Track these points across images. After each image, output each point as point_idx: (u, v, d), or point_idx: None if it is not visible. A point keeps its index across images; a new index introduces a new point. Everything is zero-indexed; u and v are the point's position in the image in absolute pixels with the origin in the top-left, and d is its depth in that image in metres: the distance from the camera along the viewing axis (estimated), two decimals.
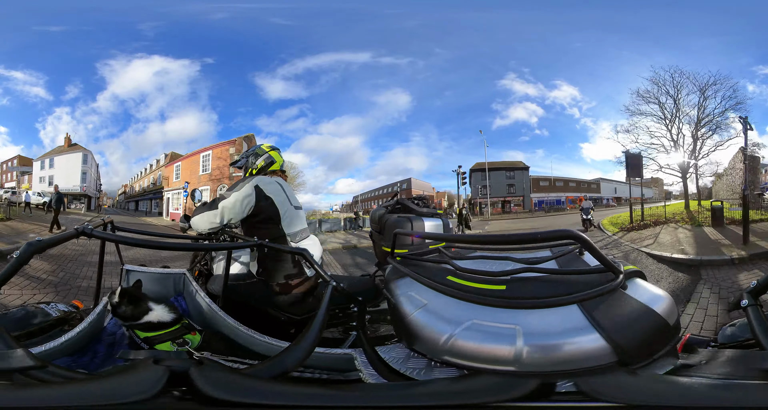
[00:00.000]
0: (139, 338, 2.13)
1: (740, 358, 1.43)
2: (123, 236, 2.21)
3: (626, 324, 1.49)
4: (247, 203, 3.10)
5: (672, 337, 1.58)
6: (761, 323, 1.57)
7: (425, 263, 2.21)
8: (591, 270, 1.74)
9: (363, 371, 1.78)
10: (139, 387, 1.16)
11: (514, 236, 1.71)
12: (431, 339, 1.64)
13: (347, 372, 1.93)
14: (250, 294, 3.16)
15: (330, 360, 2.03)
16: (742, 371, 1.32)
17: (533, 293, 1.63)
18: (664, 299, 1.66)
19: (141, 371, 1.26)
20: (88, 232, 1.81)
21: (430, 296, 1.85)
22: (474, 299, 1.69)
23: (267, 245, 2.65)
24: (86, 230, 1.81)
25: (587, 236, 1.56)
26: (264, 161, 3.59)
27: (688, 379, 1.39)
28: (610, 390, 1.25)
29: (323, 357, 2.01)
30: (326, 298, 2.09)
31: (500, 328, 1.52)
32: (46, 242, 1.66)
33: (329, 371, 1.99)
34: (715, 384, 1.29)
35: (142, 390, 1.14)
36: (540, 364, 1.43)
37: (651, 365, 1.48)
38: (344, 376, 1.93)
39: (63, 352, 1.91)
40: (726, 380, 1.31)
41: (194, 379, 1.20)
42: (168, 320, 2.19)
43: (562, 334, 1.46)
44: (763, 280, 1.76)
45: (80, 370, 1.77)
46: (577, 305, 1.54)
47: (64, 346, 1.91)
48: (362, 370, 1.79)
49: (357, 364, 1.85)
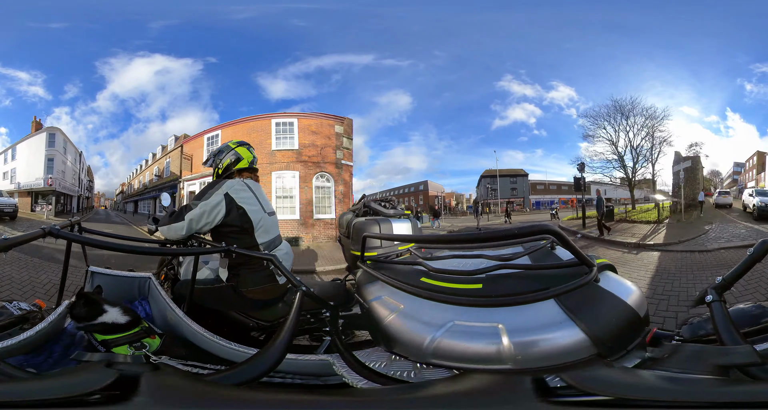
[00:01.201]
0: (97, 340, 2.05)
1: (700, 353, 1.43)
2: (88, 238, 2.17)
3: (602, 316, 1.51)
4: (216, 214, 2.90)
5: (642, 329, 1.62)
6: (723, 319, 1.59)
7: (397, 266, 2.18)
8: (565, 264, 1.76)
9: (347, 376, 1.73)
10: (77, 388, 1.10)
11: (489, 233, 1.66)
12: (413, 342, 1.62)
13: (325, 376, 1.88)
14: (218, 300, 3.02)
15: (305, 366, 1.96)
16: (701, 366, 1.32)
17: (510, 290, 1.63)
18: (635, 291, 1.70)
19: (88, 373, 1.21)
20: (55, 232, 1.77)
21: (404, 299, 1.82)
22: (451, 301, 1.67)
23: (236, 251, 2.57)
24: (53, 231, 1.78)
25: (562, 231, 1.56)
26: (229, 158, 3.28)
27: (653, 373, 1.40)
28: (597, 384, 1.25)
29: (298, 363, 1.95)
30: (296, 304, 2.05)
31: (483, 327, 1.51)
32: (12, 241, 1.65)
33: (305, 376, 1.93)
34: (675, 378, 1.30)
35: (78, 390, 1.09)
36: (529, 360, 1.44)
37: (624, 358, 1.50)
38: (322, 381, 1.88)
39: (18, 350, 1.85)
40: (684, 374, 1.31)
41: (141, 385, 1.16)
42: (122, 322, 2.10)
43: (543, 329, 1.47)
44: (729, 276, 1.78)
45: (29, 369, 1.71)
46: (555, 300, 1.55)
47: (20, 345, 1.84)
48: (345, 375, 1.73)
49: (336, 369, 1.80)
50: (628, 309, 1.58)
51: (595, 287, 1.64)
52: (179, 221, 2.87)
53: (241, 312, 3.04)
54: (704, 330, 1.86)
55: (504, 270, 1.79)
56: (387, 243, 3.16)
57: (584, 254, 1.67)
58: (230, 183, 3.05)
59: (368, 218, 3.69)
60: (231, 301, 2.99)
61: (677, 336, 1.86)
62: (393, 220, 3.58)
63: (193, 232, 2.94)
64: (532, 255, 1.99)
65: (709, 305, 1.69)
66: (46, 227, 1.80)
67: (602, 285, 1.67)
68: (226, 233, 2.99)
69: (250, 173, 3.35)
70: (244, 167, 3.29)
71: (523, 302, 1.56)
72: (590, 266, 1.67)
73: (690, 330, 1.96)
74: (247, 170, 3.30)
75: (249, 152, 3.34)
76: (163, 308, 2.53)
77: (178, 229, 2.89)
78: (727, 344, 1.46)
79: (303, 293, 2.12)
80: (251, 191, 3.16)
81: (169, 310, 2.47)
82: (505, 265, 1.80)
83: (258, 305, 3.03)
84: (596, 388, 1.21)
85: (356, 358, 1.83)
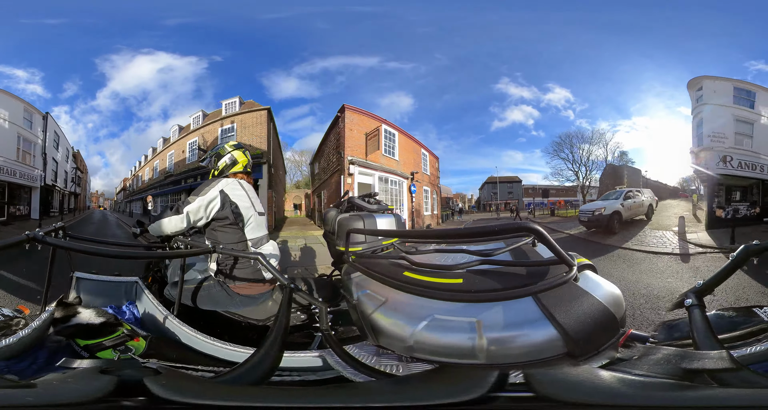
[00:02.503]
0: (79, 346, 2.01)
1: (673, 356, 1.44)
2: (73, 244, 2.11)
3: (578, 317, 1.50)
4: (212, 208, 3.03)
5: (617, 331, 1.60)
6: (701, 324, 1.60)
7: (381, 261, 2.19)
8: (545, 262, 1.75)
9: (343, 371, 1.75)
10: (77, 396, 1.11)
11: (470, 229, 1.66)
12: (396, 335, 1.62)
13: (320, 371, 1.90)
14: (207, 300, 3.05)
15: (301, 362, 1.98)
16: (671, 369, 1.35)
17: (490, 286, 1.63)
18: (614, 293, 1.68)
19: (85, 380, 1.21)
20: (39, 238, 1.74)
21: (388, 293, 1.83)
22: (432, 295, 1.67)
23: (221, 251, 2.59)
24: (37, 237, 1.75)
25: (542, 229, 1.55)
26: (225, 161, 3.42)
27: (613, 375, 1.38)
28: (549, 383, 1.27)
29: (294, 360, 1.97)
30: (285, 301, 2.06)
31: (461, 322, 1.52)
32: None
33: (302, 372, 1.95)
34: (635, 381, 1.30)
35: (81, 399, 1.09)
36: (501, 356, 1.44)
37: (593, 358, 1.50)
38: (318, 376, 1.89)
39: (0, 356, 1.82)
40: (646, 377, 1.33)
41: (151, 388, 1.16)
42: (97, 323, 2.04)
43: (519, 326, 1.47)
44: (708, 281, 1.80)
45: (9, 376, 1.70)
46: (532, 298, 1.55)
47: (2, 350, 1.80)
48: (341, 370, 1.75)
49: (332, 364, 1.82)
50: (604, 309, 1.57)
51: (573, 287, 1.64)
52: (179, 214, 2.98)
53: (231, 311, 3.05)
54: (680, 333, 1.87)
55: (485, 266, 1.78)
56: (371, 238, 3.18)
57: (564, 253, 1.66)
58: (226, 181, 3.19)
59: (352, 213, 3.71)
60: (220, 300, 3.02)
61: (651, 338, 1.86)
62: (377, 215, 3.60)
63: (192, 224, 3.05)
64: (514, 252, 1.98)
65: (688, 309, 1.71)
66: (29, 232, 1.76)
67: (581, 285, 1.67)
68: (219, 227, 3.09)
69: (245, 175, 3.47)
70: (239, 171, 3.40)
71: (502, 298, 1.56)
72: (570, 265, 1.66)
73: (665, 332, 1.99)
74: (242, 172, 3.42)
75: (245, 156, 3.48)
76: (152, 311, 2.52)
77: (179, 221, 2.99)
78: (702, 348, 1.47)
79: (291, 290, 2.15)
80: (244, 190, 3.27)
81: (159, 313, 2.46)
82: (486, 261, 1.79)
83: (247, 302, 3.06)
84: (548, 387, 1.24)
85: (348, 353, 1.84)
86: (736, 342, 1.71)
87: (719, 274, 1.78)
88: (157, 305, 2.50)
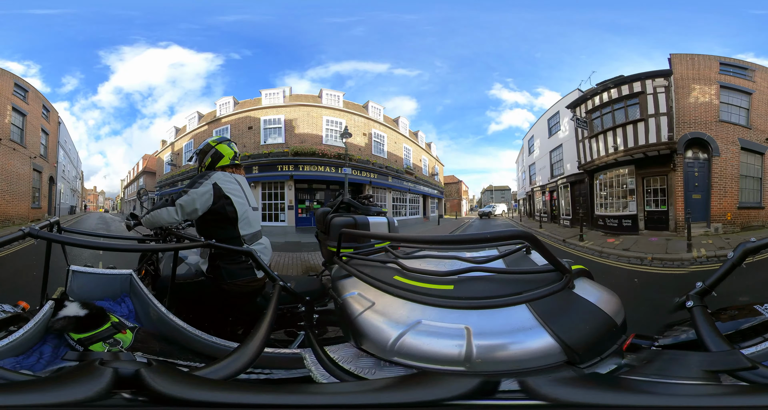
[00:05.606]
0: (74, 340, 2.02)
1: (682, 359, 1.40)
2: (68, 237, 2.11)
3: (575, 324, 1.47)
4: (205, 201, 2.98)
5: (619, 336, 1.57)
6: (706, 324, 1.56)
7: (371, 263, 2.15)
8: (539, 270, 1.71)
9: (313, 370, 1.70)
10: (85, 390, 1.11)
11: (463, 236, 1.62)
12: (380, 339, 1.57)
13: (293, 370, 1.86)
14: (198, 294, 3.02)
15: (279, 360, 1.95)
16: (683, 372, 1.31)
17: (481, 293, 1.58)
18: (612, 298, 1.65)
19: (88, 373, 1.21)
20: (35, 233, 1.74)
21: (377, 296, 1.79)
22: (422, 300, 1.63)
23: (215, 245, 2.59)
24: (32, 232, 1.74)
25: (538, 236, 1.51)
26: (210, 157, 3.35)
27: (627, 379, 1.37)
28: (549, 389, 1.23)
29: (273, 357, 1.93)
30: (274, 298, 2.03)
31: (449, 329, 1.47)
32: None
33: (273, 369, 1.89)
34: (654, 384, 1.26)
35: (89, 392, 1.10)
36: (489, 363, 1.39)
37: (597, 364, 1.46)
38: (290, 374, 1.86)
39: (8, 353, 1.82)
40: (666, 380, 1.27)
41: (147, 380, 1.16)
42: (82, 315, 2.08)
43: (511, 334, 1.43)
44: (709, 282, 1.77)
45: (24, 372, 1.68)
46: (526, 306, 1.51)
47: (9, 347, 1.82)
48: (312, 369, 1.71)
49: (307, 364, 1.77)
50: (604, 315, 1.54)
51: (569, 294, 1.61)
52: (172, 206, 2.95)
53: (219, 306, 3.06)
54: (685, 336, 1.81)
55: (477, 273, 1.75)
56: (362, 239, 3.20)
57: (559, 260, 1.63)
58: (218, 175, 3.14)
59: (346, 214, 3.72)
60: (210, 295, 3.01)
61: (655, 343, 1.82)
62: (370, 217, 3.61)
63: (184, 217, 3.01)
64: (507, 259, 1.95)
65: (690, 310, 1.68)
66: (25, 227, 1.76)
67: (577, 292, 1.63)
68: (211, 222, 3.04)
69: (234, 168, 3.38)
70: (226, 164, 3.34)
71: (493, 306, 1.52)
72: (565, 272, 1.62)
73: (669, 335, 1.92)
74: (230, 166, 3.36)
75: (230, 148, 3.37)
76: (146, 304, 2.52)
77: (173, 213, 2.96)
78: (711, 349, 1.42)
79: (280, 287, 2.15)
80: (238, 184, 3.22)
81: (152, 306, 2.46)
82: (478, 268, 1.76)
83: (237, 298, 3.06)
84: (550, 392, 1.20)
85: (327, 353, 1.80)
86: (741, 340, 1.70)
87: (718, 274, 1.76)
88: (151, 298, 2.50)
